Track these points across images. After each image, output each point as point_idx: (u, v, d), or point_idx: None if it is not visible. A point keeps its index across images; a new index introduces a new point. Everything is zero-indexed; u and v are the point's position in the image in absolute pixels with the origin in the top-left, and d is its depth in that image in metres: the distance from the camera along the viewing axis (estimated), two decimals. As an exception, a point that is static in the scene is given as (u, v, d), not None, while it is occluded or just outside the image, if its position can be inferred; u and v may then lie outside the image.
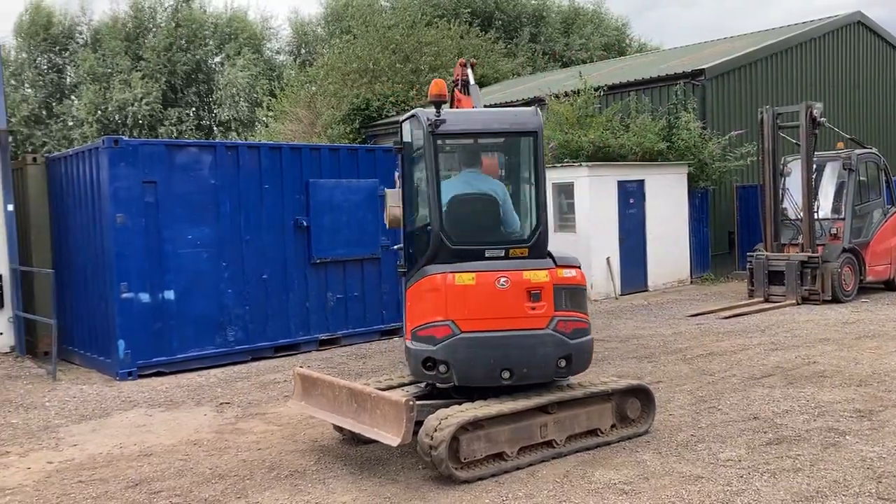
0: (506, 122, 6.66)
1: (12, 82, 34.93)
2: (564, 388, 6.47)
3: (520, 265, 6.21)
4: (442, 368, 6.06)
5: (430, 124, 6.11)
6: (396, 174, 8.40)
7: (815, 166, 14.52)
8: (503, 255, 6.25)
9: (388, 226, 8.62)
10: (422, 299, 6.23)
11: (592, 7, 41.81)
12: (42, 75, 37.02)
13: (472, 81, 8.11)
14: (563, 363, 6.25)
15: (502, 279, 6.11)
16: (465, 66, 8.39)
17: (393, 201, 8.43)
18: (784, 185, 14.92)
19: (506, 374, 6.12)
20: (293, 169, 11.32)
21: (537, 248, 6.33)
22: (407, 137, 6.61)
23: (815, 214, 14.37)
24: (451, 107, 8.68)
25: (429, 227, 6.20)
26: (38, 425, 8.01)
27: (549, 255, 6.38)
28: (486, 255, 6.21)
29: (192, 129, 35.37)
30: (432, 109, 6.32)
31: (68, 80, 37.99)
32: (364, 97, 26.90)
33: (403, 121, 6.69)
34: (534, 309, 6.15)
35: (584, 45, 37.12)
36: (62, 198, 11.41)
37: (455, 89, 8.60)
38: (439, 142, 6.22)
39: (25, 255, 11.75)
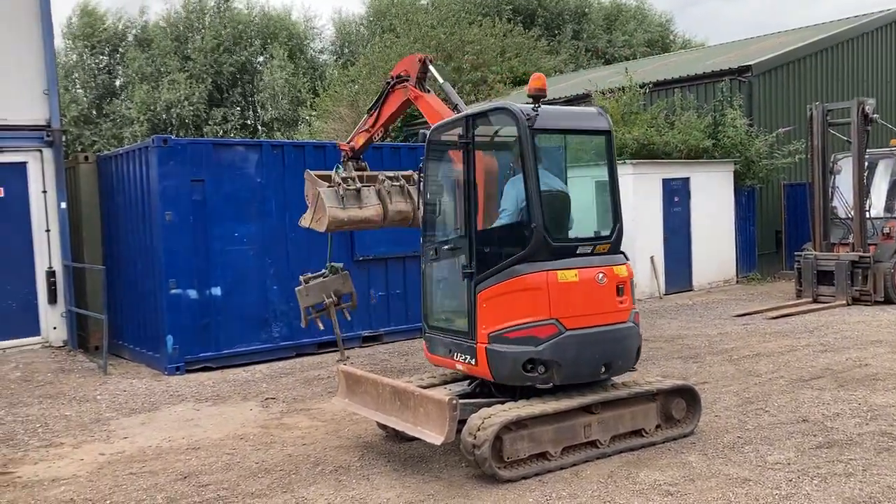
0: (584, 121, 6.68)
1: (63, 83, 35.72)
2: (608, 388, 6.43)
3: (605, 261, 6.26)
4: (541, 369, 5.95)
5: (528, 119, 6.00)
6: (415, 174, 8.27)
7: (866, 164, 14.20)
8: (590, 251, 6.27)
9: (323, 229, 8.23)
10: (513, 299, 6.02)
11: (635, 3, 41.44)
12: (93, 76, 37.82)
13: (440, 79, 7.78)
14: (635, 354, 6.43)
15: (600, 275, 6.14)
16: (423, 61, 7.91)
17: (331, 202, 8.22)
18: (834, 183, 14.62)
19: (603, 369, 6.20)
20: (337, 167, 11.40)
21: (617, 244, 6.41)
22: (479, 132, 6.40)
23: (867, 213, 14.06)
24: (375, 109, 8.35)
25: (533, 225, 5.96)
26: (90, 418, 8.22)
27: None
28: (578, 251, 6.20)
29: (236, 129, 35.84)
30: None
31: (118, 80, 38.76)
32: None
33: (477, 115, 6.41)
34: (622, 303, 6.27)
35: (627, 42, 36.79)
36: (113, 196, 11.67)
37: (409, 85, 7.97)
38: (536, 137, 6.11)
39: (77, 252, 12.04)
